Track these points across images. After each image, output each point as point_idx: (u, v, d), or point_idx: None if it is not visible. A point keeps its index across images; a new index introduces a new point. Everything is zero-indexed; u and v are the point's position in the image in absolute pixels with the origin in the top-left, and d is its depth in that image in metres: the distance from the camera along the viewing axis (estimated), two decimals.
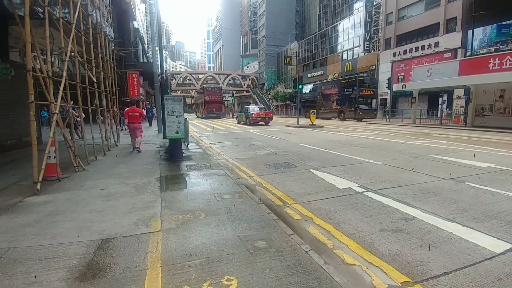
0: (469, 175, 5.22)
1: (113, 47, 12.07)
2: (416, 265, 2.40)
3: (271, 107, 52.68)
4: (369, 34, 35.83)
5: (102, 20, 9.49)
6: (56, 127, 5.23)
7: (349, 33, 40.81)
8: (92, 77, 8.16)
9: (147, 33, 67.55)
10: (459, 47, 24.72)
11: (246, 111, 21.86)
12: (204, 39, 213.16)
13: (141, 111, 9.47)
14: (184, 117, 7.10)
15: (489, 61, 15.55)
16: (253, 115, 20.28)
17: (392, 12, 32.37)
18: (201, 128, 19.13)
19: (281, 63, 60.91)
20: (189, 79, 62.71)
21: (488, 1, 20.64)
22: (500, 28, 21.31)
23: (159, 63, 11.78)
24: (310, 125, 18.21)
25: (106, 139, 8.73)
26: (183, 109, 6.93)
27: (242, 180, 5.28)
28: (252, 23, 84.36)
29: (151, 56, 19.15)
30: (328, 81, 36.77)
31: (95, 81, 8.36)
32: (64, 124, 6.10)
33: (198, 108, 44.35)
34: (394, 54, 31.46)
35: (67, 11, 6.50)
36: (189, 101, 69.23)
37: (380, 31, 34.86)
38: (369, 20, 35.61)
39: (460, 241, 2.79)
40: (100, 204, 3.80)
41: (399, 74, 29.31)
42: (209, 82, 58.76)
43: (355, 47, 39.39)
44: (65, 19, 6.26)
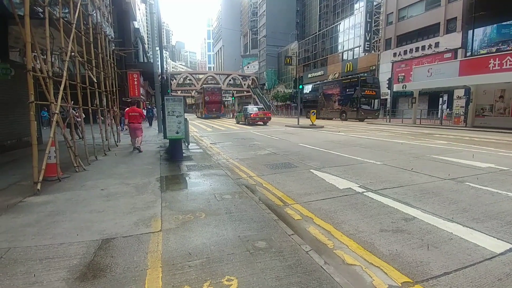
0: (469, 175, 5.22)
1: (113, 47, 12.08)
2: (417, 265, 2.40)
3: (271, 107, 52.70)
4: (369, 34, 35.80)
5: (102, 20, 9.49)
6: (57, 127, 5.24)
7: (349, 33, 40.83)
8: (92, 77, 8.17)
9: (147, 33, 67.57)
10: (459, 48, 24.73)
11: (245, 111, 22.25)
12: (205, 39, 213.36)
13: (141, 111, 9.47)
14: (185, 117, 7.11)
15: (489, 61, 15.55)
16: (252, 115, 20.64)
17: (392, 12, 32.39)
18: (201, 128, 19.14)
19: (281, 63, 60.85)
20: (189, 79, 62.71)
21: (488, 1, 20.65)
22: (500, 29, 21.32)
23: (159, 63, 11.79)
24: (310, 125, 18.24)
25: (107, 139, 8.74)
26: (183, 109, 6.93)
27: (242, 180, 5.28)
28: (252, 23, 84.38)
29: (151, 56, 19.15)
30: (330, 81, 36.49)
31: (95, 81, 8.38)
32: (65, 124, 6.11)
33: (198, 108, 44.46)
34: (395, 54, 31.47)
35: (67, 11, 6.50)
36: (189, 101, 69.24)
37: (380, 31, 34.87)
38: (370, 20, 35.59)
39: (460, 241, 2.80)
40: (100, 204, 3.81)
41: (399, 74, 29.28)
42: (209, 82, 58.78)
43: (356, 47, 39.39)
44: (65, 19, 6.26)
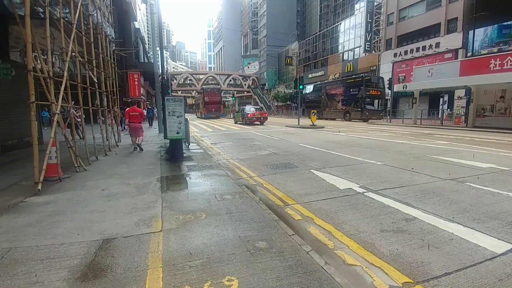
0: (470, 175, 5.21)
1: (114, 47, 12.08)
2: (417, 265, 2.39)
3: (271, 107, 52.71)
4: (370, 34, 35.79)
5: (103, 20, 9.50)
6: (57, 127, 5.24)
7: (350, 34, 40.83)
8: (93, 77, 8.18)
9: (148, 33, 67.70)
10: (460, 48, 24.72)
11: (242, 111, 23.37)
12: (205, 40, 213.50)
13: (142, 111, 9.50)
14: (185, 117, 7.11)
15: (490, 61, 15.53)
16: (249, 115, 21.78)
17: (393, 12, 32.41)
18: (201, 129, 19.16)
19: (282, 63, 60.80)
20: (190, 80, 62.75)
21: (489, 1, 20.62)
22: (501, 29, 21.28)
23: (160, 63, 11.80)
24: (310, 125, 18.24)
25: (107, 139, 8.75)
26: (184, 110, 6.93)
27: (242, 181, 5.28)
28: (253, 24, 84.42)
29: (152, 56, 19.17)
30: (333, 80, 36.16)
31: (96, 81, 8.38)
32: (65, 124, 6.12)
33: (198, 108, 44.64)
34: (395, 55, 31.48)
35: (68, 11, 6.51)
36: (189, 101, 69.33)
37: (381, 31, 34.88)
38: (370, 20, 35.59)
39: (461, 241, 2.79)
40: (101, 204, 3.81)
41: (400, 75, 29.25)
42: (210, 83, 58.82)
43: (356, 47, 39.39)
44: (66, 19, 6.27)
